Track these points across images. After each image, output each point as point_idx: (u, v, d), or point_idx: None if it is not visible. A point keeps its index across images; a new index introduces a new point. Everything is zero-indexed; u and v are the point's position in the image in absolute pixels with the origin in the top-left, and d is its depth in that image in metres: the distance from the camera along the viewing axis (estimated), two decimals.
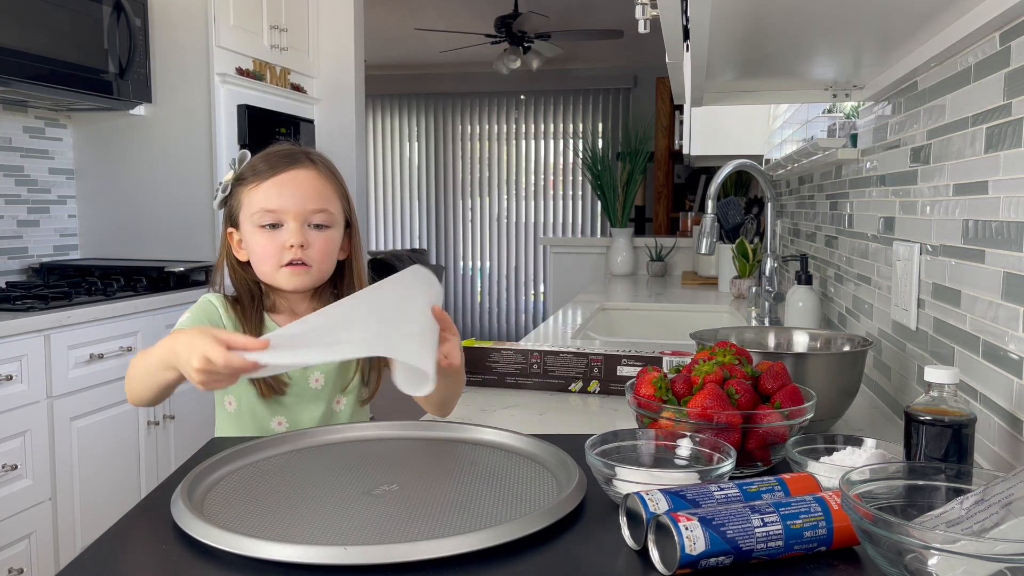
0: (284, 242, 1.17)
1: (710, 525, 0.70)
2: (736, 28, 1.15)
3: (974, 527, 0.67)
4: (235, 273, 1.25)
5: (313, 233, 1.19)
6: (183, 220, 3.12)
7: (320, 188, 1.20)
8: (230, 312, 1.22)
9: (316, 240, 1.19)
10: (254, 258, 1.21)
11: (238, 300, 1.24)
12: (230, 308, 1.23)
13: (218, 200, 1.22)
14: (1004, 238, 0.95)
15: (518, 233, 7.58)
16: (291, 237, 1.17)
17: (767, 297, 1.98)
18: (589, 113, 7.36)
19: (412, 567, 0.71)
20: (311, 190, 1.18)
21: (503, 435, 1.05)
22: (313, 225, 1.19)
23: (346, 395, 1.29)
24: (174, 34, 3.06)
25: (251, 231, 1.19)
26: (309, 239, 1.18)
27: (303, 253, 1.18)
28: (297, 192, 1.17)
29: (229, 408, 1.24)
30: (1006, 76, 0.96)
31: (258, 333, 1.20)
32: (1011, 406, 0.94)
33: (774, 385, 1.02)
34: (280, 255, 1.18)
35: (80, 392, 2.36)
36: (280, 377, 1.21)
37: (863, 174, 1.66)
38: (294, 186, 1.17)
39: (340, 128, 3.76)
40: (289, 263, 1.18)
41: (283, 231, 1.18)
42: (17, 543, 2.16)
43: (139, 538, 0.80)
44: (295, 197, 1.17)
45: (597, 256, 4.34)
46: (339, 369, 1.27)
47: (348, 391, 1.29)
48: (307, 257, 1.18)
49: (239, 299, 1.24)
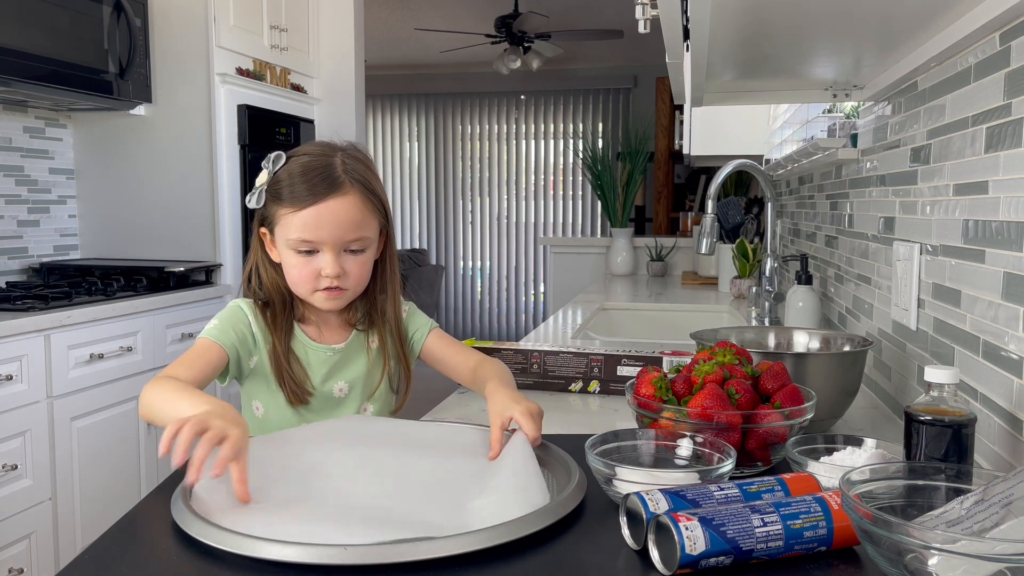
0: (320, 269, 1.15)
1: (710, 525, 0.70)
2: (736, 28, 1.15)
3: (974, 527, 0.67)
4: (267, 273, 1.22)
5: (349, 259, 1.17)
6: (183, 220, 3.12)
7: (358, 218, 1.15)
8: (259, 319, 1.21)
9: (352, 266, 1.17)
10: (288, 277, 1.19)
11: (267, 304, 1.22)
12: (259, 314, 1.21)
13: (251, 204, 1.18)
14: (1004, 238, 0.95)
15: (518, 233, 7.58)
16: (328, 267, 1.15)
17: (767, 297, 1.98)
18: (589, 113, 7.36)
19: (412, 567, 0.71)
20: (349, 221, 1.14)
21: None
22: (349, 251, 1.17)
23: (373, 403, 1.28)
24: (174, 34, 3.06)
25: (286, 252, 1.17)
26: (345, 267, 1.16)
27: (339, 280, 1.16)
28: (335, 224, 1.14)
29: (257, 413, 1.24)
30: (1006, 76, 0.96)
31: (287, 342, 1.20)
32: (1011, 406, 0.94)
33: (774, 385, 1.02)
34: (315, 281, 1.16)
35: (80, 392, 2.35)
36: (304, 386, 1.20)
37: (863, 174, 1.66)
38: (332, 218, 1.13)
39: (340, 128, 3.76)
40: (324, 288, 1.17)
41: (319, 257, 1.15)
42: (17, 543, 2.16)
43: (139, 538, 0.80)
44: (333, 229, 1.14)
45: (597, 256, 4.34)
46: (365, 377, 1.26)
47: (375, 399, 1.28)
48: (342, 283, 1.17)
49: (270, 303, 1.22)
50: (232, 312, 1.21)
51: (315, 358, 1.23)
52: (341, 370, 1.24)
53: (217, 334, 1.17)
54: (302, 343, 1.22)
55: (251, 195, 1.18)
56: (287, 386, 1.19)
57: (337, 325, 1.26)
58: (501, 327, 7.64)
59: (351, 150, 1.20)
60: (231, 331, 1.18)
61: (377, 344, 1.27)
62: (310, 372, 1.22)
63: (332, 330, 1.25)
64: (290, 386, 1.19)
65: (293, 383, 1.19)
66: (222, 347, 1.16)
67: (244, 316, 1.21)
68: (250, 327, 1.20)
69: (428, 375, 1.38)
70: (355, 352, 1.26)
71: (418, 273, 6.53)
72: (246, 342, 1.19)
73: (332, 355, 1.23)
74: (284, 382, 1.19)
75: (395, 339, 1.27)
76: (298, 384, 1.20)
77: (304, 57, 3.63)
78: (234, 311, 1.21)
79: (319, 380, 1.22)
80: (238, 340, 1.18)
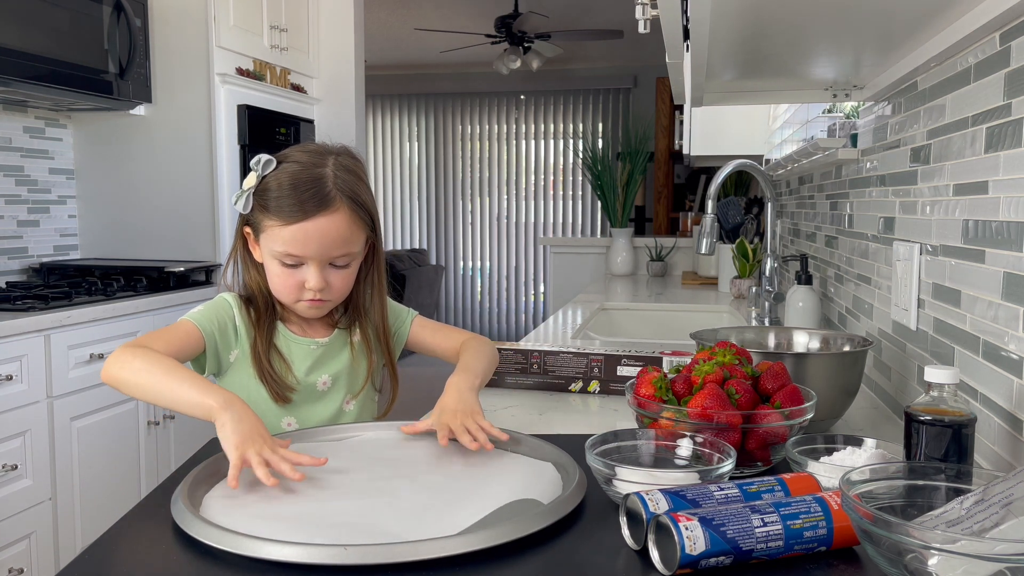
0: (303, 281, 1.16)
1: (710, 525, 0.70)
2: (736, 28, 1.15)
3: (974, 527, 0.67)
4: (249, 273, 1.23)
5: (333, 273, 1.17)
6: (183, 220, 3.12)
7: (346, 235, 1.15)
8: (243, 313, 1.21)
9: (335, 279, 1.18)
10: (271, 284, 1.19)
11: (250, 301, 1.23)
12: (243, 308, 1.22)
13: (239, 206, 1.17)
14: (1004, 238, 0.95)
15: (518, 233, 7.58)
16: (311, 280, 1.15)
17: (767, 297, 1.98)
18: (589, 113, 7.36)
19: (412, 567, 0.71)
20: (337, 239, 1.14)
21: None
22: (334, 265, 1.17)
23: (357, 399, 1.29)
24: (174, 34, 3.06)
25: (271, 259, 1.17)
26: (329, 279, 1.17)
27: (321, 293, 1.17)
28: (323, 242, 1.14)
29: None
30: (1006, 76, 0.96)
31: (269, 338, 1.21)
32: (1011, 406, 0.94)
33: (774, 385, 1.02)
34: (299, 292, 1.17)
35: (80, 392, 2.35)
36: (285, 380, 1.21)
37: (863, 174, 1.66)
38: (319, 235, 1.13)
39: (340, 128, 3.76)
40: (307, 300, 1.18)
41: (303, 270, 1.16)
42: (17, 543, 2.16)
43: (139, 538, 0.80)
44: (320, 246, 1.14)
45: (597, 256, 4.34)
46: (348, 371, 1.27)
47: (359, 398, 1.29)
48: (324, 295, 1.17)
49: (252, 301, 1.23)
50: (218, 303, 1.21)
51: (298, 352, 1.23)
52: (324, 363, 1.24)
53: (199, 319, 1.17)
54: (284, 337, 1.23)
55: (238, 197, 1.16)
56: (268, 381, 1.19)
57: (320, 324, 1.27)
58: (501, 327, 7.64)
59: (343, 156, 1.19)
60: (214, 319, 1.18)
61: (359, 339, 1.28)
62: (293, 366, 1.22)
63: (315, 328, 1.26)
64: (271, 382, 1.19)
65: (274, 379, 1.19)
66: (201, 333, 1.16)
67: (229, 309, 1.21)
68: (233, 320, 1.20)
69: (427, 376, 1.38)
70: (339, 347, 1.26)
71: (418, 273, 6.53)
72: (227, 334, 1.20)
73: (316, 348, 1.24)
74: (265, 378, 1.19)
75: (378, 337, 1.28)
76: (280, 379, 1.20)
77: (304, 57, 3.63)
78: (220, 303, 1.21)
79: (302, 373, 1.22)
80: (218, 331, 1.18)
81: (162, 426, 2.69)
